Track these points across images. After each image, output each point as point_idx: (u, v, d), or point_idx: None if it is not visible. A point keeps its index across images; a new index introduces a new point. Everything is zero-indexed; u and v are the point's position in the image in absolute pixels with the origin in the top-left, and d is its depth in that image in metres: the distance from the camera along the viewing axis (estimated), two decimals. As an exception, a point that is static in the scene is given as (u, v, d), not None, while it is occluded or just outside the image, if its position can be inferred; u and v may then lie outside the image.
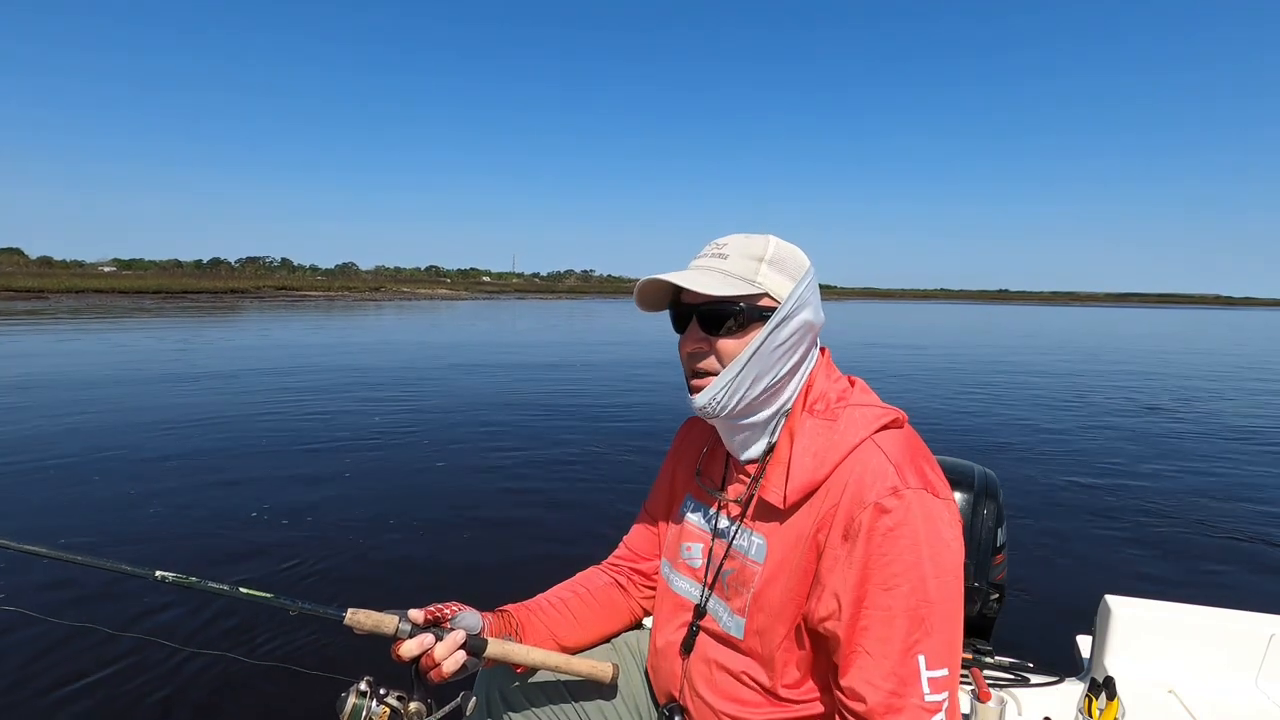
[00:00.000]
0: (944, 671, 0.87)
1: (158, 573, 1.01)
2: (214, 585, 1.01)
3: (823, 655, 0.97)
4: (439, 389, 9.53)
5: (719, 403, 0.98)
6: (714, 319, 0.98)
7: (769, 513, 1.00)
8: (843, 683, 0.89)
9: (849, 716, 0.89)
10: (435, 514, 4.32)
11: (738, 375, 0.97)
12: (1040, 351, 18.94)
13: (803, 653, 0.98)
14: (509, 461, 5.64)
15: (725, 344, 0.98)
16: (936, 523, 0.89)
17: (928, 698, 0.85)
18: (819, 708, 0.99)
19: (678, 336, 1.05)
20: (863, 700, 0.87)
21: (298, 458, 5.59)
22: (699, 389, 1.00)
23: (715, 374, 0.99)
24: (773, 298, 0.98)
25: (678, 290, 1.01)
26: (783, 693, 1.00)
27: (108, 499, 4.42)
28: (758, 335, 0.97)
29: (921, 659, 0.86)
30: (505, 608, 1.20)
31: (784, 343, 0.98)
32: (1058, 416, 8.37)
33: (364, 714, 0.96)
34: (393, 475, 5.13)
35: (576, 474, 5.32)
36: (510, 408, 8.10)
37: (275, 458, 5.57)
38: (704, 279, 0.97)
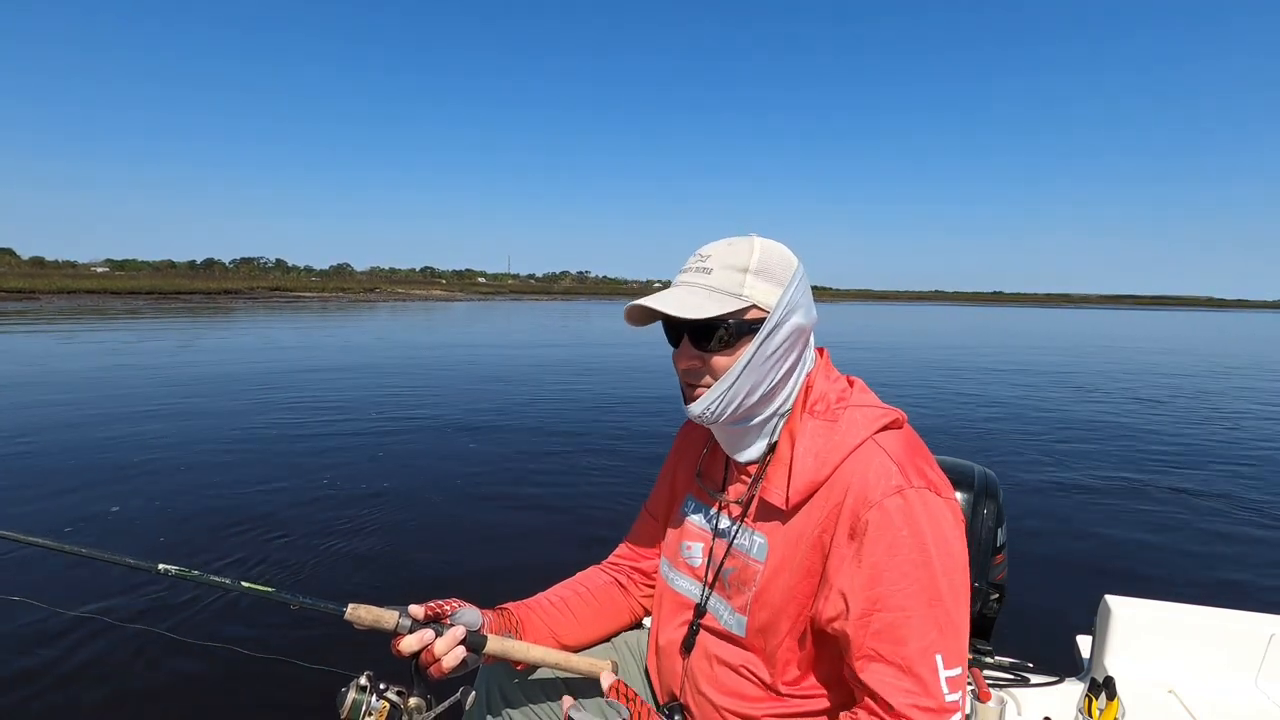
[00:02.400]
0: (958, 670, 0.87)
1: (160, 566, 1.01)
2: (216, 579, 1.01)
3: (824, 653, 0.97)
4: (436, 388, 9.50)
5: (714, 411, 0.99)
6: (704, 336, 0.97)
7: (770, 513, 1.01)
8: (863, 686, 0.89)
9: None
10: (436, 511, 4.32)
11: (731, 387, 0.97)
12: (1037, 352, 19.00)
13: (804, 651, 0.98)
14: (509, 461, 5.63)
15: (717, 360, 0.98)
16: (941, 522, 0.89)
17: (947, 698, 0.85)
18: (820, 703, 0.99)
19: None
20: (887, 703, 0.86)
21: (298, 454, 5.58)
22: (694, 398, 1.00)
23: (709, 387, 0.99)
24: (760, 308, 0.97)
25: None
26: (784, 689, 1.00)
27: (112, 493, 4.43)
28: (748, 349, 0.96)
29: (939, 659, 0.86)
30: (505, 605, 1.20)
31: (775, 351, 0.98)
32: (1057, 416, 8.39)
33: (364, 708, 0.96)
34: (392, 472, 5.11)
35: (577, 473, 5.31)
36: (508, 407, 8.07)
37: (275, 454, 5.56)
38: (689, 299, 0.96)
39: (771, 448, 1.03)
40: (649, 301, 0.97)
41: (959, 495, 1.67)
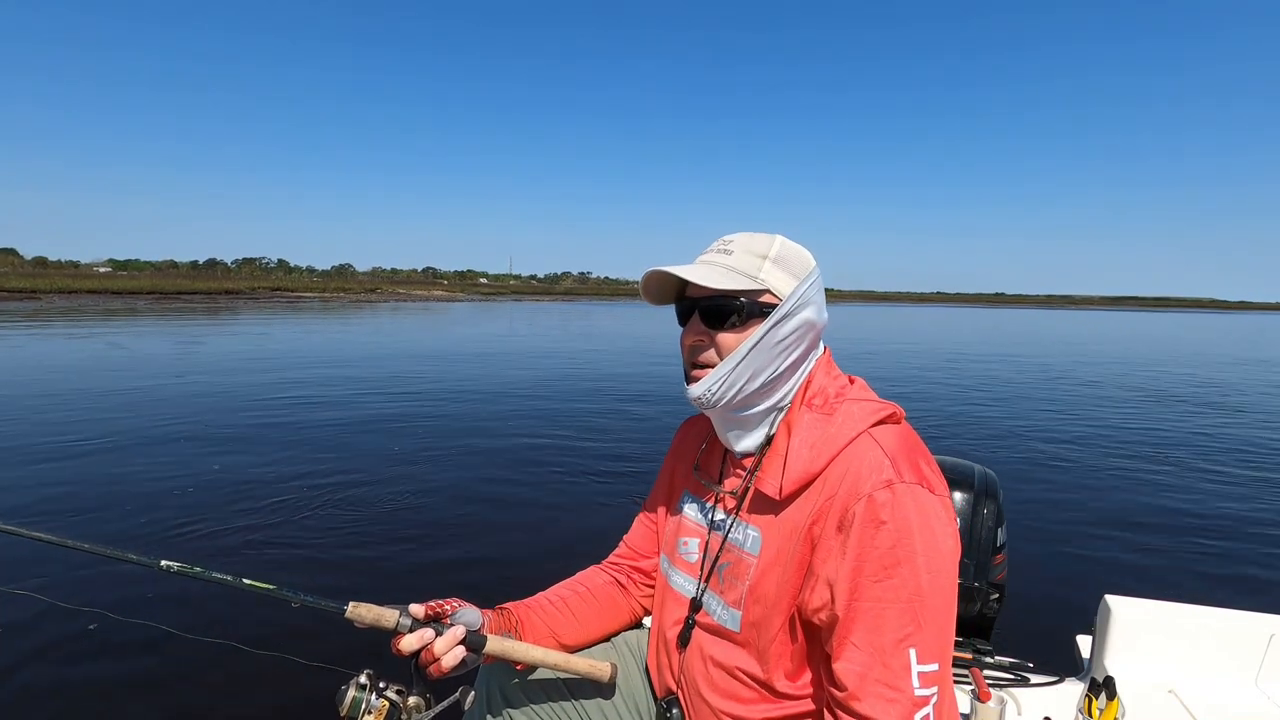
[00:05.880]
0: (934, 666, 0.86)
1: (163, 562, 1.02)
2: (218, 575, 1.02)
3: (817, 648, 0.97)
4: (437, 387, 9.51)
5: (714, 394, 0.99)
6: (715, 313, 0.99)
7: (764, 505, 1.01)
8: (832, 673, 0.89)
9: (837, 708, 0.88)
10: (437, 511, 4.33)
11: (735, 368, 0.98)
12: (1038, 353, 18.98)
13: (797, 646, 0.97)
14: (510, 461, 5.63)
15: (725, 338, 0.99)
16: (930, 518, 0.89)
17: (917, 692, 0.85)
18: (815, 704, 0.98)
19: (679, 332, 1.06)
20: (851, 692, 0.86)
21: (300, 453, 5.59)
22: (696, 379, 1.01)
23: (713, 366, 1.00)
24: (775, 295, 0.99)
25: (683, 285, 1.03)
26: (778, 686, 0.99)
27: (115, 489, 4.47)
28: (757, 331, 0.98)
29: (912, 652, 0.85)
30: (505, 605, 1.20)
31: (783, 339, 0.99)
32: (1057, 417, 8.39)
33: (363, 707, 0.96)
34: (393, 473, 5.12)
35: (577, 473, 5.32)
36: (509, 408, 8.09)
37: (278, 453, 5.58)
38: (707, 273, 0.98)
39: (768, 440, 1.03)
40: (670, 267, 1.00)
41: (959, 495, 1.67)
